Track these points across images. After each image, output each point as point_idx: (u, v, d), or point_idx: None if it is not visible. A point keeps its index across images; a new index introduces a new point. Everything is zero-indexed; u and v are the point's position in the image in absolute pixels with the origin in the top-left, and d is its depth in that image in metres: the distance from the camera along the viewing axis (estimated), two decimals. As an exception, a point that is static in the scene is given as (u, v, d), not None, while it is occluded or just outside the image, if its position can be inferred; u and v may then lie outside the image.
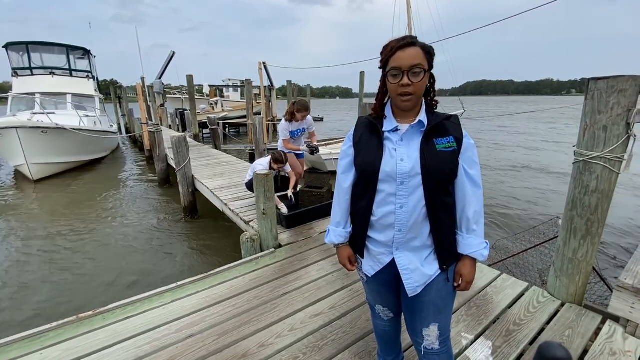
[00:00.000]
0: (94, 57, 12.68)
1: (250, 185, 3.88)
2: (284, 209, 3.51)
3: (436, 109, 1.14)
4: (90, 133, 8.79)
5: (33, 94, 9.68)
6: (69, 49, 11.36)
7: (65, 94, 10.40)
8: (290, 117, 3.85)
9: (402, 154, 1.07)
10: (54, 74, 10.81)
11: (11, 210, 6.09)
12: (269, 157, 3.79)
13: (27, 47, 10.62)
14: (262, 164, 3.76)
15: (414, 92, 1.02)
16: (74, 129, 8.21)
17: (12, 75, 10.59)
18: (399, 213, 1.08)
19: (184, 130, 14.32)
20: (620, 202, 5.98)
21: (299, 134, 4.08)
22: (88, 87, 11.66)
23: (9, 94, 9.94)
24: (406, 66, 1.00)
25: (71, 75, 11.34)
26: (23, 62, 10.76)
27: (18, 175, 8.81)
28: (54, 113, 8.60)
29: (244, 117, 15.24)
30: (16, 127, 7.35)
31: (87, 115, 10.11)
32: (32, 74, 10.68)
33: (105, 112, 12.49)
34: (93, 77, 12.25)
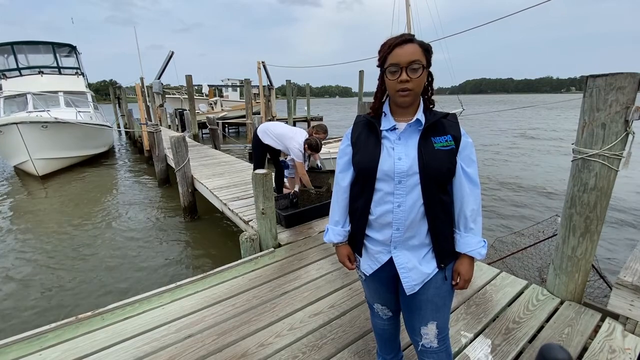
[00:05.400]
0: (80, 53, 12.49)
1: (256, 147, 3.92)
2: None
3: (433, 107, 1.13)
4: (88, 126, 8.78)
5: (24, 94, 9.62)
6: (55, 47, 11.23)
7: (56, 92, 10.31)
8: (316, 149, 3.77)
9: (399, 153, 1.07)
10: (42, 73, 10.71)
11: (7, 209, 6.09)
12: (304, 134, 3.72)
13: (12, 47, 10.50)
14: (297, 140, 3.64)
15: (413, 88, 1.02)
16: (72, 122, 8.23)
17: (1, 78, 10.47)
18: (396, 212, 1.08)
19: (183, 130, 14.31)
20: (619, 200, 5.98)
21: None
22: (78, 83, 11.56)
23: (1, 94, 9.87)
24: (404, 62, 1.00)
25: (60, 73, 11.24)
26: (9, 63, 10.63)
27: (19, 174, 8.80)
28: (48, 110, 8.60)
29: (243, 116, 15.24)
30: (17, 123, 7.35)
31: (81, 111, 10.07)
32: (21, 75, 10.59)
33: (98, 108, 12.41)
34: (82, 74, 12.13)
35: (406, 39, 1.01)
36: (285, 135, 3.75)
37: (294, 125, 12.15)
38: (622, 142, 1.75)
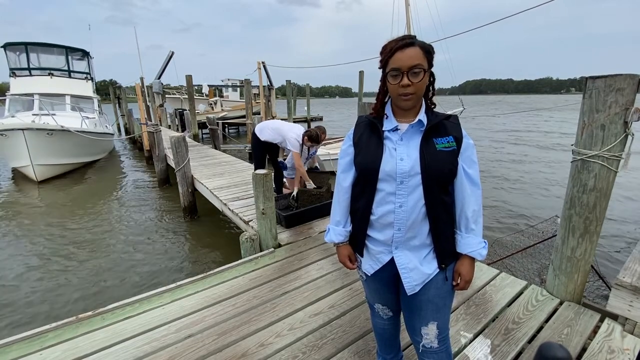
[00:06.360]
0: (92, 58, 12.61)
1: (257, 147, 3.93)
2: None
3: (434, 107, 1.14)
4: (93, 135, 8.78)
5: (32, 94, 9.60)
6: (68, 50, 11.30)
7: (63, 95, 10.34)
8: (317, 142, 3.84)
9: (401, 154, 1.08)
10: (52, 74, 10.76)
11: (9, 210, 6.09)
12: (302, 129, 3.77)
13: (26, 47, 10.54)
14: (294, 132, 3.71)
15: (414, 92, 1.03)
16: (78, 131, 8.24)
17: (10, 76, 10.51)
18: (398, 212, 1.08)
19: (183, 130, 14.31)
20: (619, 200, 5.99)
21: (315, 154, 4.26)
22: (87, 88, 11.60)
23: (7, 95, 9.86)
24: (406, 67, 1.00)
25: (70, 77, 11.30)
26: (21, 62, 10.67)
27: (17, 175, 8.78)
28: (54, 114, 8.59)
29: (243, 117, 15.24)
30: (23, 129, 7.34)
31: (87, 117, 10.09)
32: (31, 75, 10.63)
33: (102, 113, 12.45)
34: (91, 79, 12.19)
35: (407, 42, 1.01)
36: (282, 128, 3.84)
37: (294, 125, 12.10)
38: (622, 143, 1.76)
